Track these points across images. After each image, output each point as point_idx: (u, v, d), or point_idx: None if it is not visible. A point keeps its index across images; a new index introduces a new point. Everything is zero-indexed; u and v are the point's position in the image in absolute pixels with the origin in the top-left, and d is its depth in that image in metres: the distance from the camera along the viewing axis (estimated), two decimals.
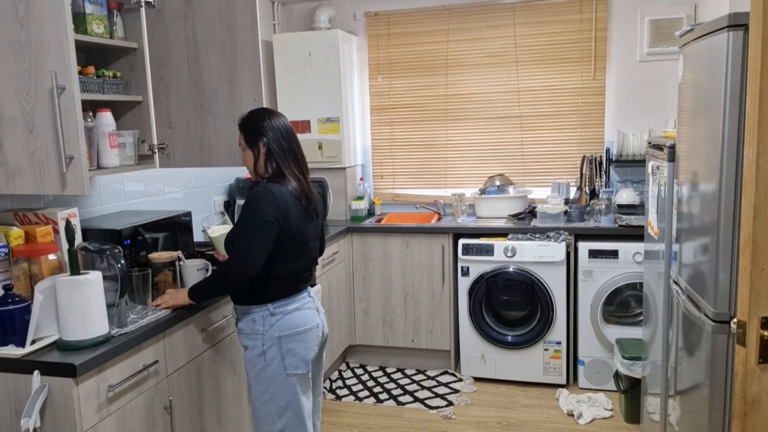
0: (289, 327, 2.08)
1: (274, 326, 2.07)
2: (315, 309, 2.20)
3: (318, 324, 2.17)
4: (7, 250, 1.97)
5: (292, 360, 2.08)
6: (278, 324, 2.07)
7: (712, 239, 1.90)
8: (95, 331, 1.82)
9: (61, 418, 1.72)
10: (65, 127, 1.88)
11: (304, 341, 2.11)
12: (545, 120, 4.08)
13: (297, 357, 2.09)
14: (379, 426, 3.25)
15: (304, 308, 2.14)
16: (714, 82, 1.90)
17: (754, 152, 1.36)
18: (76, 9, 2.16)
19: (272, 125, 2.09)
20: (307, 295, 2.19)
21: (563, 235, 3.53)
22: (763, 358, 1.40)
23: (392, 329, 3.95)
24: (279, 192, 2.02)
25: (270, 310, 2.08)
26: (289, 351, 2.07)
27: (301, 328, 2.11)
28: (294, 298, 2.13)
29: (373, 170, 4.47)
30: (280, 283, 2.09)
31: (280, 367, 2.07)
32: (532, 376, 3.64)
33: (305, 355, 2.11)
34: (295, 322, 2.09)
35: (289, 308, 2.10)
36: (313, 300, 2.21)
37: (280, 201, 2.01)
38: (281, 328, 2.07)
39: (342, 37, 4.02)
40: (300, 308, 2.13)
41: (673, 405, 2.39)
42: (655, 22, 3.80)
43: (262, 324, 2.08)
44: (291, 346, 2.08)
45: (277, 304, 2.09)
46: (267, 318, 2.07)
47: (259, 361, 2.07)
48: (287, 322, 2.08)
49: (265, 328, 2.07)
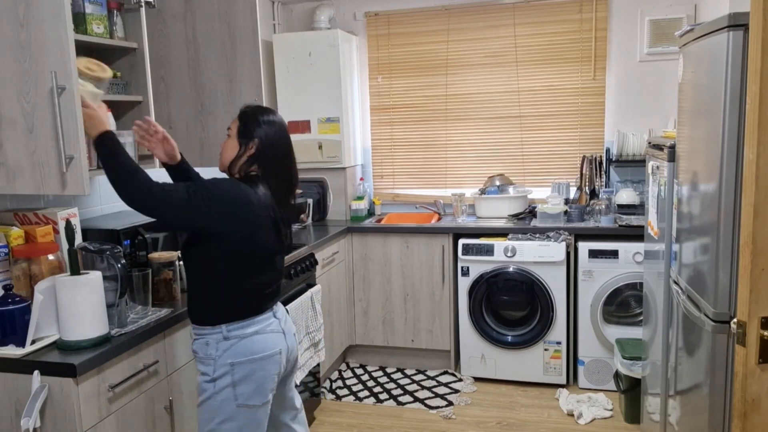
0: (244, 353, 1.85)
1: (227, 351, 1.85)
2: (280, 332, 1.96)
3: (281, 350, 1.94)
4: (7, 250, 1.97)
5: (246, 389, 1.86)
6: (232, 349, 1.85)
7: (712, 239, 1.90)
8: (95, 331, 1.82)
9: (61, 418, 1.72)
10: (65, 127, 1.88)
11: (262, 369, 1.88)
12: (545, 120, 4.08)
13: (251, 386, 1.86)
14: (379, 426, 3.25)
15: (266, 332, 1.91)
16: (714, 82, 1.90)
17: (754, 152, 1.36)
18: (76, 9, 2.17)
19: (274, 133, 1.91)
20: (272, 316, 1.96)
21: (563, 235, 3.53)
22: (763, 358, 1.40)
23: (392, 329, 3.95)
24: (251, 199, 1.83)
25: (224, 333, 1.86)
26: (242, 379, 1.85)
27: (259, 355, 1.87)
28: (253, 320, 1.90)
29: (373, 170, 4.47)
30: (238, 303, 1.87)
31: (230, 396, 1.85)
32: (532, 376, 3.64)
33: (261, 385, 1.88)
34: (252, 348, 1.87)
35: (246, 332, 1.87)
36: (278, 321, 1.98)
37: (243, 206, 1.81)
38: (235, 354, 1.85)
39: (342, 37, 4.02)
40: (260, 332, 1.90)
41: (673, 405, 2.39)
42: (655, 22, 3.80)
43: (215, 348, 1.85)
44: (245, 374, 1.85)
45: (233, 326, 1.86)
46: (220, 342, 1.85)
47: (209, 387, 1.86)
48: (242, 347, 1.86)
49: (218, 352, 1.85)
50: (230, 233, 1.81)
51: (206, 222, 1.79)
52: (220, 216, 1.79)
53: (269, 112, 1.95)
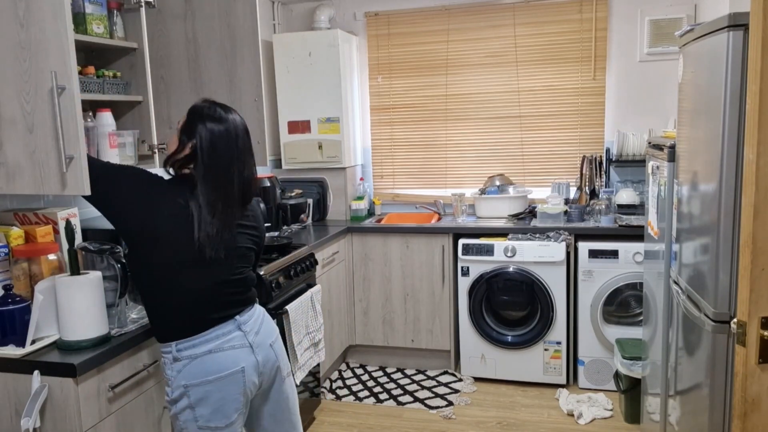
0: (196, 375, 1.72)
1: (180, 372, 1.72)
2: (246, 346, 1.79)
3: (243, 367, 1.76)
4: (7, 250, 1.97)
5: (204, 411, 1.73)
6: (185, 370, 1.72)
7: (712, 239, 1.90)
8: (95, 331, 1.82)
9: (61, 418, 1.72)
10: (65, 127, 1.88)
11: (220, 391, 1.73)
12: (545, 120, 4.08)
13: (210, 408, 1.73)
14: (379, 426, 3.25)
15: (223, 349, 1.75)
16: (714, 82, 1.90)
17: (754, 152, 1.36)
18: (76, 9, 2.17)
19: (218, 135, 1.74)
20: (234, 329, 1.78)
21: (563, 235, 3.53)
22: (763, 358, 1.40)
23: (392, 329, 3.95)
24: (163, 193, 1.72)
25: (173, 353, 1.73)
26: (200, 402, 1.73)
27: (213, 375, 1.72)
28: (206, 335, 1.73)
29: (373, 170, 4.47)
30: (180, 316, 1.73)
31: (190, 418, 1.74)
32: (532, 376, 3.64)
33: (221, 406, 1.74)
34: (205, 369, 1.72)
35: (198, 351, 1.72)
36: (243, 335, 1.79)
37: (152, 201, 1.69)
38: (188, 376, 1.72)
39: (342, 37, 4.02)
40: (215, 350, 1.73)
41: (673, 405, 2.39)
42: (655, 22, 3.80)
43: (170, 368, 1.74)
44: (201, 396, 1.72)
45: (182, 345, 1.73)
46: (172, 363, 1.74)
47: (172, 408, 1.78)
48: (194, 369, 1.72)
49: (172, 373, 1.74)
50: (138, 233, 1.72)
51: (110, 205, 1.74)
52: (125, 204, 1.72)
53: (221, 110, 1.79)
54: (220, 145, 1.74)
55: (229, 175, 1.75)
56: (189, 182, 1.74)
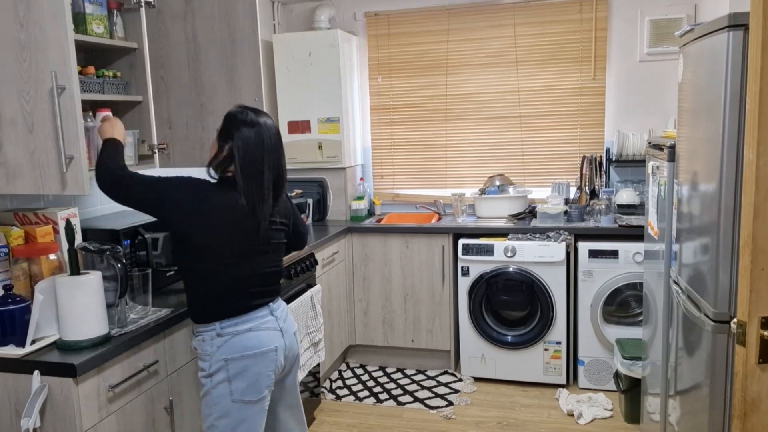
0: (238, 349, 1.91)
1: (222, 348, 1.91)
2: (277, 329, 2.00)
3: (276, 347, 1.97)
4: (7, 250, 1.97)
5: (240, 385, 1.92)
6: (226, 345, 1.91)
7: (712, 239, 1.90)
8: (95, 331, 1.82)
9: (61, 418, 1.72)
10: (65, 127, 1.88)
11: (256, 366, 1.93)
12: (545, 120, 4.09)
13: (246, 382, 1.92)
14: (379, 426, 3.25)
15: (260, 329, 1.95)
16: (714, 82, 1.90)
17: (754, 152, 1.36)
18: (76, 9, 2.17)
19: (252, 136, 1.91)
20: (268, 314, 2.00)
21: (563, 235, 3.53)
22: (763, 358, 1.40)
23: (392, 329, 3.95)
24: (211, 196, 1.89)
25: (217, 330, 1.92)
26: (237, 375, 1.91)
27: (252, 351, 1.92)
28: (247, 317, 1.94)
29: (373, 170, 4.47)
30: (224, 300, 1.93)
31: (226, 391, 1.91)
32: (532, 376, 3.64)
33: (255, 381, 1.93)
34: (245, 345, 1.92)
35: (239, 329, 1.93)
36: (276, 320, 2.01)
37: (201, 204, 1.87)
38: (229, 350, 1.91)
39: (342, 37, 4.02)
40: (254, 329, 1.94)
41: (673, 405, 2.39)
42: (655, 22, 3.80)
43: (211, 344, 1.93)
44: (239, 370, 1.91)
45: (226, 323, 1.92)
46: (215, 339, 1.92)
47: (207, 383, 1.94)
48: (236, 343, 1.92)
49: (212, 349, 1.92)
50: (190, 231, 1.88)
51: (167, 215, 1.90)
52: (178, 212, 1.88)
53: (253, 113, 1.96)
54: (252, 145, 1.91)
55: (262, 172, 1.92)
56: (233, 182, 1.91)
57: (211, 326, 1.93)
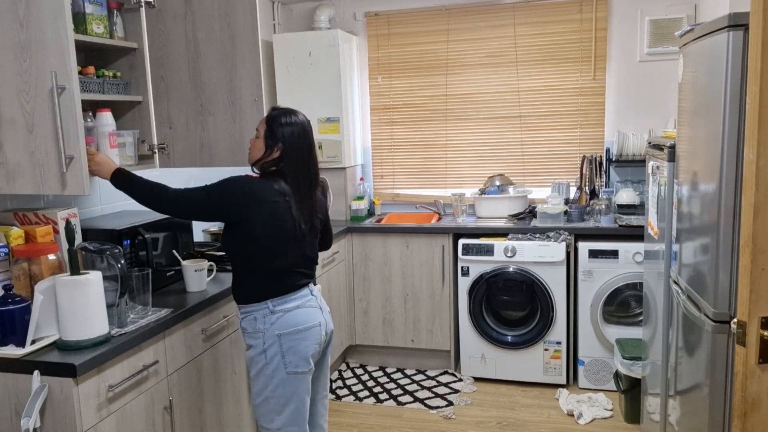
0: (289, 325, 2.08)
1: (274, 324, 2.07)
2: (318, 307, 2.18)
3: (320, 322, 2.16)
4: (7, 250, 1.97)
5: (293, 358, 2.08)
6: (279, 322, 2.07)
7: (712, 239, 1.90)
8: (95, 331, 1.82)
9: (61, 418, 1.72)
10: (65, 127, 1.88)
11: (306, 339, 2.10)
12: (545, 120, 4.09)
13: (297, 355, 2.08)
14: (379, 426, 3.25)
15: (306, 306, 2.13)
16: (714, 82, 1.90)
17: (754, 152, 1.36)
18: (76, 9, 2.16)
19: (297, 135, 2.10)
20: (309, 293, 2.17)
21: (563, 235, 3.53)
22: (763, 358, 1.40)
23: (392, 329, 3.95)
24: (259, 188, 2.04)
25: (270, 308, 2.08)
26: (289, 349, 2.07)
27: (302, 326, 2.09)
28: (294, 295, 2.11)
29: (373, 170, 4.47)
30: (276, 280, 2.09)
31: (280, 364, 2.07)
32: (532, 376, 3.64)
33: (306, 353, 2.10)
34: (295, 320, 2.09)
35: (289, 306, 2.09)
36: (315, 298, 2.19)
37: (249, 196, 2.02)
38: (282, 326, 2.07)
39: (342, 37, 4.02)
40: (301, 306, 2.11)
41: (673, 405, 2.39)
42: (655, 22, 3.80)
43: (263, 322, 2.07)
44: (291, 344, 2.07)
45: (277, 301, 2.08)
46: (267, 316, 2.07)
47: (261, 359, 2.08)
48: (287, 320, 2.08)
49: (265, 326, 2.07)
50: (246, 220, 2.03)
51: (224, 213, 2.06)
52: (233, 207, 2.03)
53: (293, 114, 2.14)
54: (300, 142, 2.11)
55: (308, 165, 2.13)
56: (280, 176, 2.08)
57: (264, 304, 2.08)
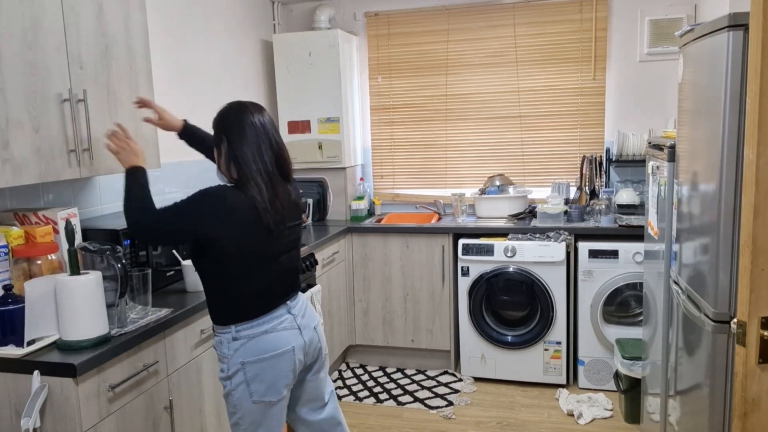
0: (253, 353, 1.89)
1: (238, 351, 1.89)
2: (295, 328, 1.97)
3: (293, 347, 1.94)
4: (7, 250, 1.97)
5: (259, 387, 1.91)
6: (242, 349, 1.89)
7: (712, 239, 1.90)
8: (95, 331, 1.82)
9: (61, 418, 1.72)
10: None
11: (273, 367, 1.91)
12: (545, 120, 4.09)
13: (264, 384, 1.91)
14: (379, 426, 3.25)
15: (276, 330, 1.92)
16: (714, 82, 1.90)
17: (754, 152, 1.36)
18: None
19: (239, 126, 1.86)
20: (285, 313, 1.96)
21: (563, 235, 3.53)
22: (763, 358, 1.40)
23: (392, 329, 3.95)
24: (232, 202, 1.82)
25: (233, 333, 1.90)
26: (254, 377, 1.90)
27: (269, 353, 1.90)
28: (262, 319, 1.91)
29: (373, 170, 4.47)
30: (244, 303, 1.90)
31: (245, 393, 1.91)
32: (532, 376, 3.64)
33: (273, 382, 1.92)
34: (261, 347, 1.89)
35: (255, 331, 1.90)
36: (293, 318, 1.97)
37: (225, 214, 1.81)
38: (245, 354, 1.89)
39: (342, 37, 4.02)
40: (269, 331, 1.91)
41: (673, 405, 2.39)
42: (655, 22, 3.80)
43: (228, 347, 1.91)
44: (257, 372, 1.89)
45: (241, 327, 1.90)
46: (231, 342, 1.90)
47: (227, 384, 1.93)
48: (252, 347, 1.89)
49: (230, 351, 1.91)
50: (214, 236, 1.83)
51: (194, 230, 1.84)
52: (200, 222, 1.82)
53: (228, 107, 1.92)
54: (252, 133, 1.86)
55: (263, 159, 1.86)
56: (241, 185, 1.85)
57: (227, 329, 1.91)
